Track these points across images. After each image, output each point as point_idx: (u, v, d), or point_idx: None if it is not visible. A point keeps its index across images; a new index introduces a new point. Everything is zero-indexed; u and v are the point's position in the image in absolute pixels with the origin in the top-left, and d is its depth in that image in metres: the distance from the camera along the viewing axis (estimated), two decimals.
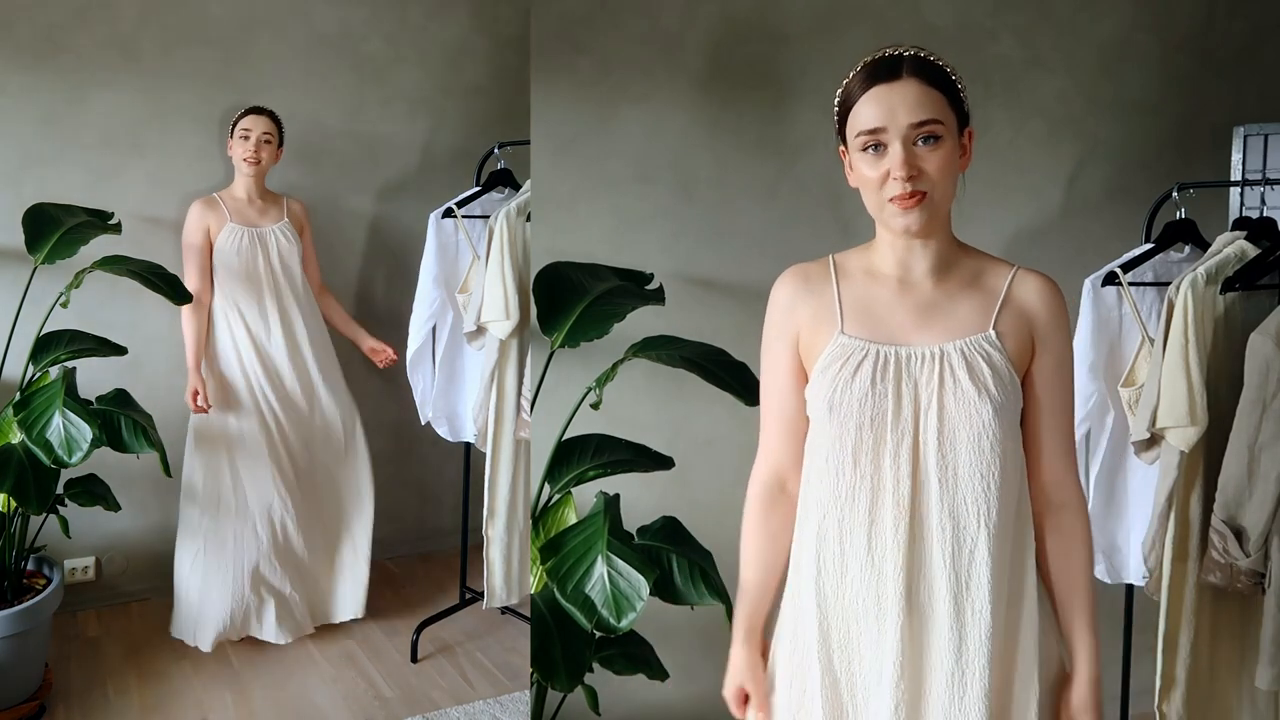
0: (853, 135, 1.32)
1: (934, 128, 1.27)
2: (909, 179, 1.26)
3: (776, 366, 1.44)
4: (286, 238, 3.13)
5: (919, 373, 1.33)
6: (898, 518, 1.31)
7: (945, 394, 1.31)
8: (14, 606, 2.59)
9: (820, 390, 1.36)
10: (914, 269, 1.37)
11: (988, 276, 1.38)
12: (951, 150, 1.29)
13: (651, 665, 2.07)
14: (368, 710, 2.81)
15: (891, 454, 1.32)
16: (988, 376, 1.31)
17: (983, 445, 1.30)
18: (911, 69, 1.29)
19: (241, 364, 3.06)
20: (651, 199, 2.40)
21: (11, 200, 3.03)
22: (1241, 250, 2.05)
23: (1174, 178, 2.32)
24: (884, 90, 1.29)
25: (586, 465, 2.03)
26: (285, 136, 3.17)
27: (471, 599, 3.22)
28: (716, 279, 2.43)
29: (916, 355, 1.33)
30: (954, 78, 1.32)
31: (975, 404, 1.29)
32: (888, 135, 1.27)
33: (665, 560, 1.94)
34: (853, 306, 1.38)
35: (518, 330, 2.70)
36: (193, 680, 2.92)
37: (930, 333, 1.34)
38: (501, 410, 2.76)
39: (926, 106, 1.27)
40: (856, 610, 1.34)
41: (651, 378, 2.36)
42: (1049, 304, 1.36)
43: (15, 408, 2.60)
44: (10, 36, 3.11)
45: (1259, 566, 1.93)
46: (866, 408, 1.32)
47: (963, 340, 1.33)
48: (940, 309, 1.35)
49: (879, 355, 1.34)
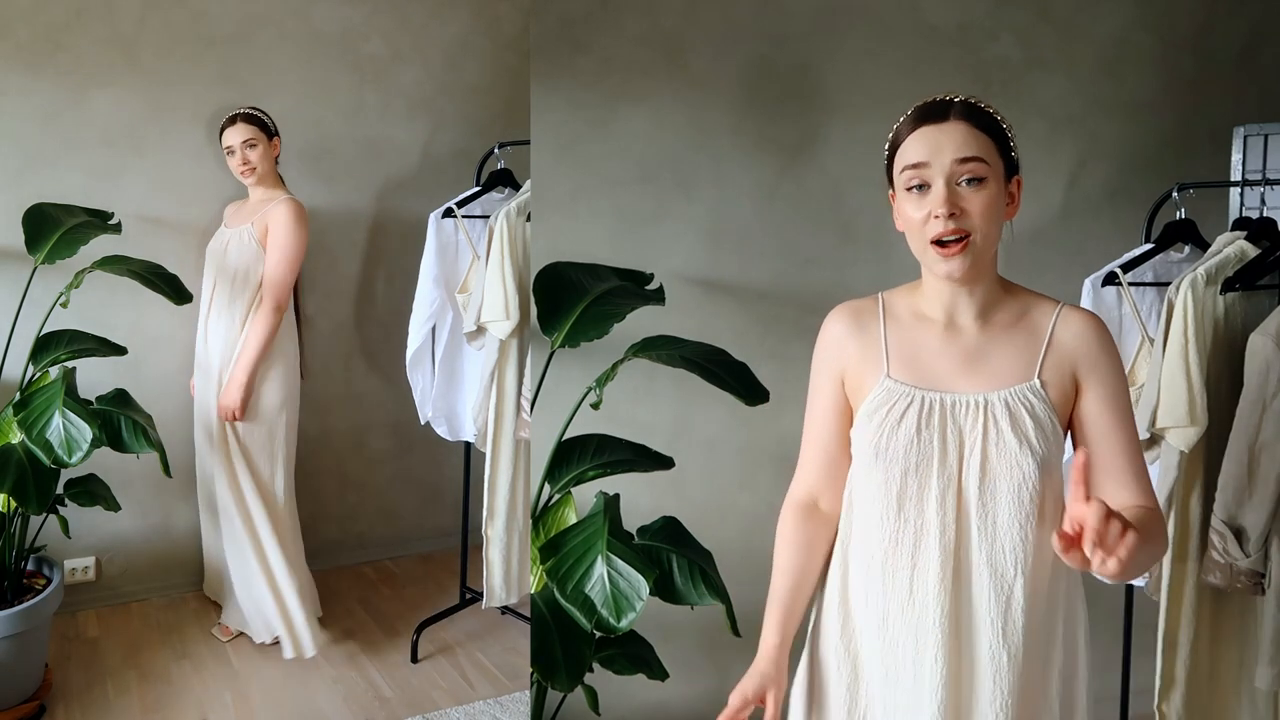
0: (898, 172, 1.33)
1: (978, 167, 1.28)
2: (950, 216, 1.27)
3: (821, 399, 1.46)
4: (244, 242, 2.99)
5: (964, 421, 1.34)
6: (944, 563, 1.32)
7: (989, 444, 1.32)
8: (14, 606, 2.59)
9: (866, 435, 1.37)
10: (959, 314, 1.37)
11: (1033, 318, 1.37)
12: (996, 194, 1.29)
13: (651, 665, 2.07)
14: (368, 710, 2.81)
15: (937, 500, 1.33)
16: (1030, 428, 1.31)
17: (1022, 496, 1.31)
18: (960, 113, 1.31)
19: (197, 366, 3.10)
20: (651, 199, 2.40)
21: (11, 200, 3.03)
22: (1241, 250, 2.05)
23: (1174, 178, 2.32)
24: (931, 130, 1.30)
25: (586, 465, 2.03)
26: (285, 134, 3.16)
27: (471, 599, 3.22)
28: (716, 279, 2.43)
29: (961, 403, 1.34)
30: (1004, 125, 1.33)
31: (1017, 455, 1.30)
32: (931, 172, 1.28)
33: (665, 560, 1.94)
34: (899, 350, 1.39)
35: (518, 330, 2.70)
36: (193, 680, 2.92)
37: (975, 380, 1.35)
38: (501, 410, 2.76)
39: (972, 145, 1.28)
40: (896, 653, 1.35)
41: (651, 378, 2.36)
42: (1091, 342, 1.35)
43: (15, 408, 2.60)
44: (10, 36, 3.11)
45: (1259, 566, 1.93)
46: (912, 454, 1.34)
47: (1007, 390, 1.33)
48: (985, 356, 1.36)
49: (924, 402, 1.35)
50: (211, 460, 3.02)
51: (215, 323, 3.01)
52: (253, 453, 2.99)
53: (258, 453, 2.99)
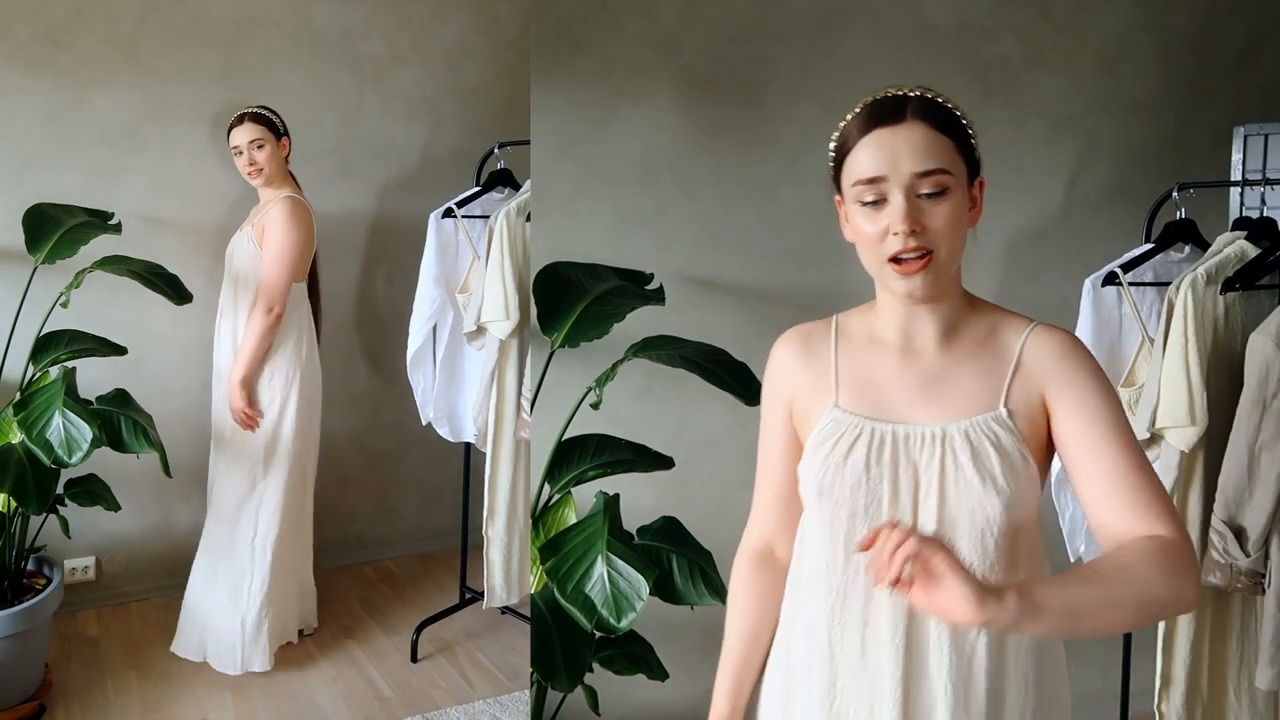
0: (849, 184, 1.17)
1: (941, 179, 1.12)
2: (911, 233, 1.11)
3: (771, 435, 1.33)
4: (245, 244, 2.98)
5: (919, 455, 1.17)
6: (895, 621, 1.16)
7: (947, 482, 1.15)
8: (14, 606, 2.59)
9: (811, 471, 1.22)
10: (918, 336, 1.21)
11: (1001, 339, 1.21)
12: (960, 204, 1.14)
13: (651, 665, 2.07)
14: (368, 710, 2.81)
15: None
16: (994, 463, 1.14)
17: (986, 541, 1.14)
18: (917, 111, 1.14)
19: (214, 368, 3.08)
20: (651, 199, 2.40)
21: (11, 200, 3.03)
22: (1241, 250, 2.05)
23: (1174, 178, 2.32)
24: (885, 134, 1.14)
25: (586, 465, 2.03)
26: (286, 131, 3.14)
27: (471, 599, 3.22)
28: (716, 279, 2.43)
29: (916, 436, 1.18)
30: (964, 122, 1.18)
31: (979, 495, 1.13)
32: (888, 186, 1.13)
33: (665, 560, 1.94)
34: (850, 376, 1.24)
35: (518, 330, 2.70)
36: (193, 680, 2.92)
37: (933, 409, 1.19)
38: (501, 410, 2.76)
39: (933, 153, 1.13)
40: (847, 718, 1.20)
41: (651, 378, 2.36)
42: (1061, 359, 1.17)
43: (15, 408, 2.60)
44: (10, 36, 3.11)
45: (1259, 566, 1.93)
46: (860, 494, 1.18)
47: (969, 421, 1.17)
48: (946, 381, 1.20)
49: (874, 435, 1.19)
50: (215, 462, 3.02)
51: (224, 325, 3.00)
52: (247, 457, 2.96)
53: (252, 458, 2.95)
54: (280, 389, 2.94)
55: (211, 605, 2.94)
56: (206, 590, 2.96)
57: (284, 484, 2.97)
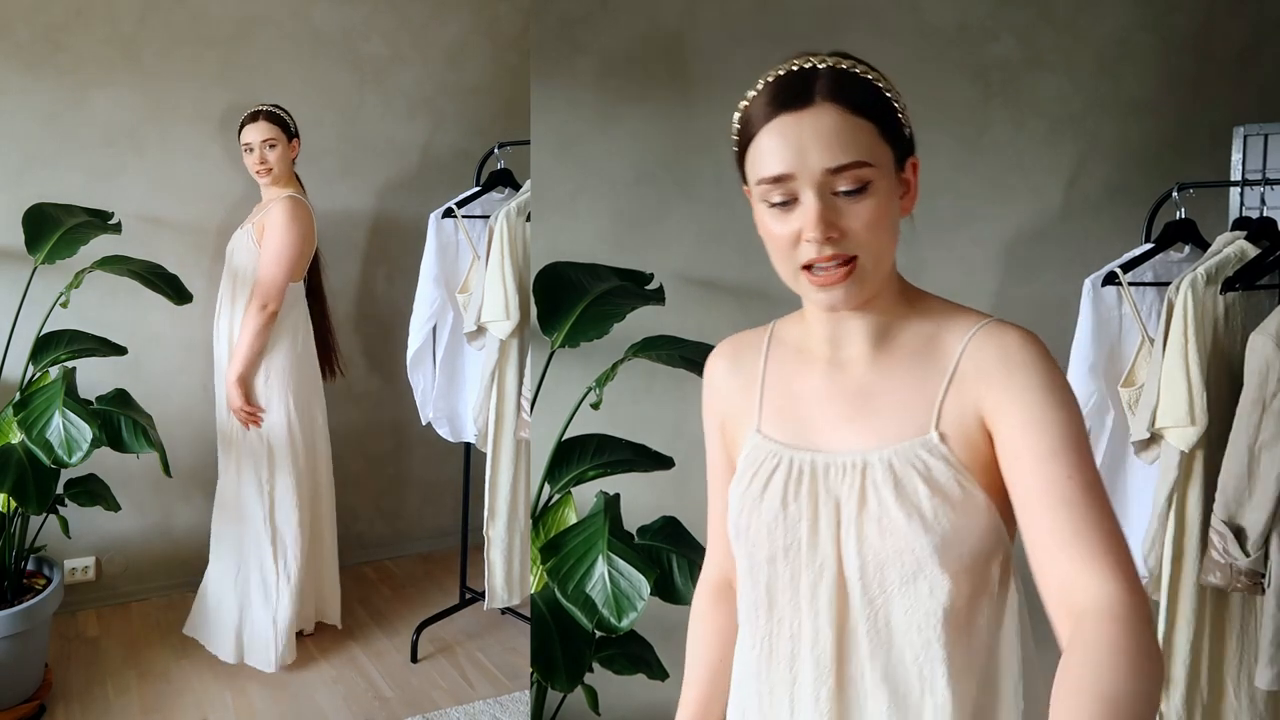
0: (753, 181, 0.99)
1: (859, 173, 0.94)
2: (826, 240, 0.94)
3: (711, 458, 1.20)
4: (244, 242, 2.99)
5: (840, 489, 1.00)
6: (818, 681, 1.00)
7: (867, 520, 0.98)
8: (14, 606, 2.59)
9: (731, 510, 1.07)
10: (846, 346, 1.04)
11: (941, 345, 1.01)
12: (885, 198, 0.96)
13: (651, 665, 2.07)
14: (368, 710, 2.81)
15: (809, 596, 1.00)
16: (923, 497, 0.96)
17: (920, 588, 0.95)
18: (828, 91, 0.95)
19: (215, 366, 3.10)
20: (652, 199, 2.40)
21: (11, 200, 3.03)
22: (1241, 250, 2.05)
23: (1174, 178, 2.32)
24: (790, 123, 0.95)
25: (586, 465, 2.03)
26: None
27: (471, 599, 3.22)
28: (716, 279, 2.43)
29: (836, 466, 1.00)
30: (888, 95, 0.98)
31: (905, 534, 0.95)
32: (797, 184, 0.95)
33: (665, 560, 1.94)
34: (775, 395, 1.08)
35: (518, 330, 2.70)
36: (193, 680, 2.92)
37: (858, 434, 1.01)
38: (502, 410, 2.76)
39: (848, 144, 0.94)
40: None
41: (651, 378, 2.36)
42: (1004, 360, 0.96)
43: (15, 408, 2.60)
44: (10, 36, 3.11)
45: (1259, 566, 1.93)
46: (777, 535, 1.02)
47: (893, 447, 0.98)
48: (874, 400, 1.02)
49: (793, 465, 1.03)
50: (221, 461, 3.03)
51: (221, 321, 3.02)
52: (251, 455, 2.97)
53: (256, 455, 2.97)
54: (278, 387, 2.96)
55: (238, 604, 2.97)
56: (229, 590, 2.97)
57: (292, 483, 2.99)
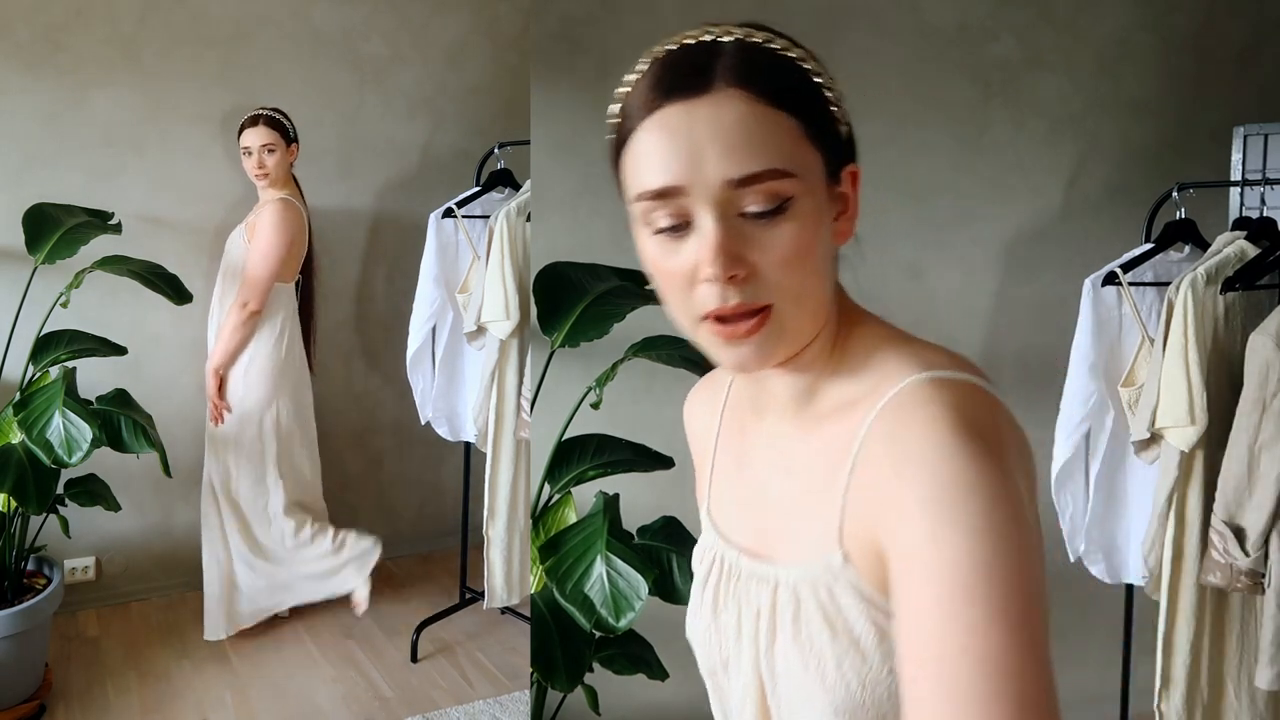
0: (631, 195, 0.74)
1: (775, 185, 0.68)
2: (730, 279, 0.69)
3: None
4: (236, 241, 3.06)
5: (758, 601, 0.78)
6: None
7: (776, 656, 0.76)
8: (14, 606, 2.59)
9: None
10: (767, 414, 0.82)
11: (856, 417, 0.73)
12: (812, 220, 0.70)
13: (651, 665, 2.07)
14: (368, 710, 2.81)
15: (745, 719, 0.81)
16: (823, 644, 0.71)
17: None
18: (733, 72, 0.69)
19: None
20: None
21: (11, 200, 3.03)
22: (1241, 250, 2.05)
23: (1174, 178, 2.32)
24: (680, 114, 0.69)
25: (586, 465, 2.03)
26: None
27: (471, 599, 3.22)
28: None
29: (753, 576, 0.80)
30: (818, 79, 0.72)
31: (802, 685, 0.73)
32: (689, 201, 0.70)
33: (665, 560, 1.94)
34: (722, 468, 0.88)
35: (518, 330, 2.70)
36: (193, 680, 2.92)
37: (769, 541, 0.80)
38: (501, 410, 2.76)
39: (760, 145, 0.68)
40: None
41: (651, 378, 2.36)
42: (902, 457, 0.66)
43: (15, 408, 2.60)
44: (10, 36, 3.11)
45: (1259, 566, 1.93)
46: (713, 648, 0.84)
47: (800, 567, 0.74)
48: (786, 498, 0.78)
49: (724, 566, 0.83)
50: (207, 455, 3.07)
51: (214, 320, 3.07)
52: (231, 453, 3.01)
53: (236, 453, 3.01)
54: (256, 385, 3.00)
55: (244, 589, 3.08)
56: (234, 573, 3.07)
57: (281, 484, 3.06)
